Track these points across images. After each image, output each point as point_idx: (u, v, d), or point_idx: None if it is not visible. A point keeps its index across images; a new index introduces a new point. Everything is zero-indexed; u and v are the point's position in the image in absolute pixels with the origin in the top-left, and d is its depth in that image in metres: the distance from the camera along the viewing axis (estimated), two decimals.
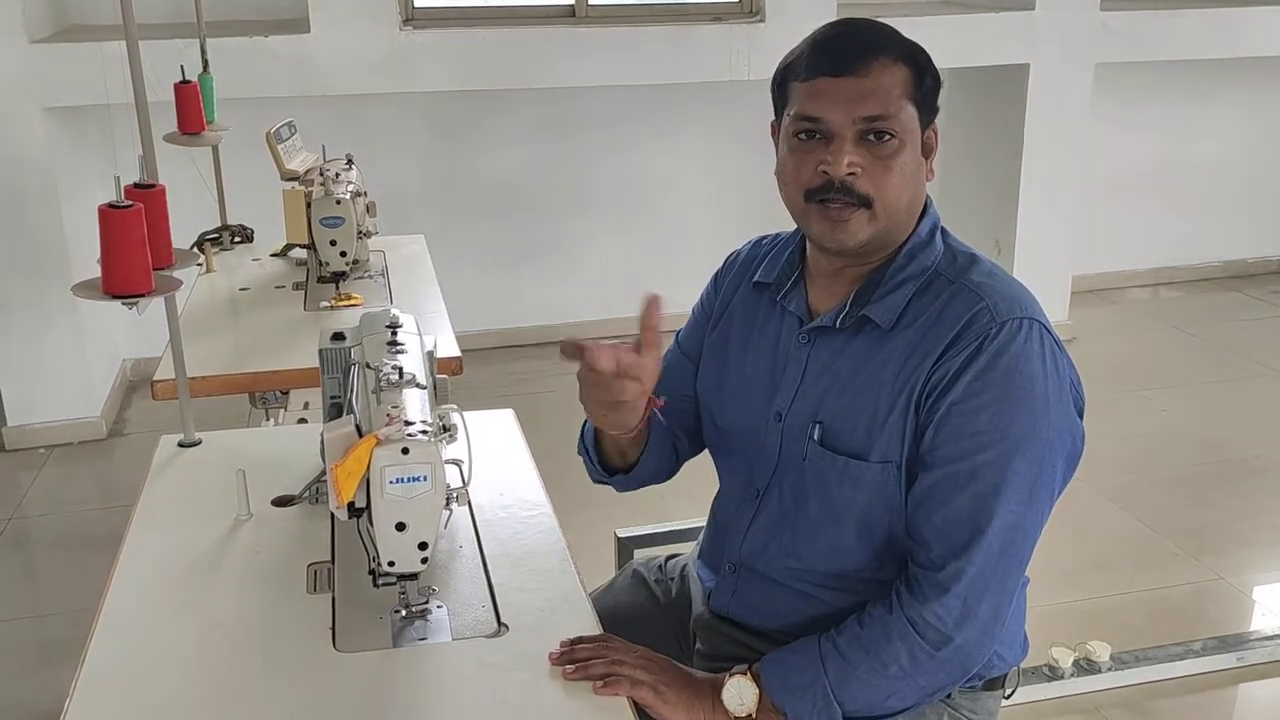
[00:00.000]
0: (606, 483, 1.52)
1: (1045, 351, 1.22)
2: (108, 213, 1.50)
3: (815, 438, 1.30)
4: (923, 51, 1.29)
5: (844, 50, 1.25)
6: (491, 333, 4.43)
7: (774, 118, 1.34)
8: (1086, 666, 2.45)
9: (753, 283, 1.44)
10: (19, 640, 2.71)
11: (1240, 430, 3.76)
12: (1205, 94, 4.97)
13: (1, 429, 3.71)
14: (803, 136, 1.26)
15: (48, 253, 3.56)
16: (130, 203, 1.51)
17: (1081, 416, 1.28)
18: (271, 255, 2.85)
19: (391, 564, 1.25)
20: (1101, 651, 2.45)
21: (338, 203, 2.43)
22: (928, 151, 1.29)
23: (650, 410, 1.33)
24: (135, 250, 1.51)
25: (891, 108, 1.23)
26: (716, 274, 1.53)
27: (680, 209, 4.57)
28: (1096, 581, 2.88)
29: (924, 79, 1.27)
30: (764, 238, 1.50)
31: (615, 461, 1.47)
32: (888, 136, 1.23)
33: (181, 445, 1.83)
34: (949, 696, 1.35)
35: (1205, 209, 5.18)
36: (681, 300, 5.05)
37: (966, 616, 1.22)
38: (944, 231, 1.33)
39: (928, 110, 1.28)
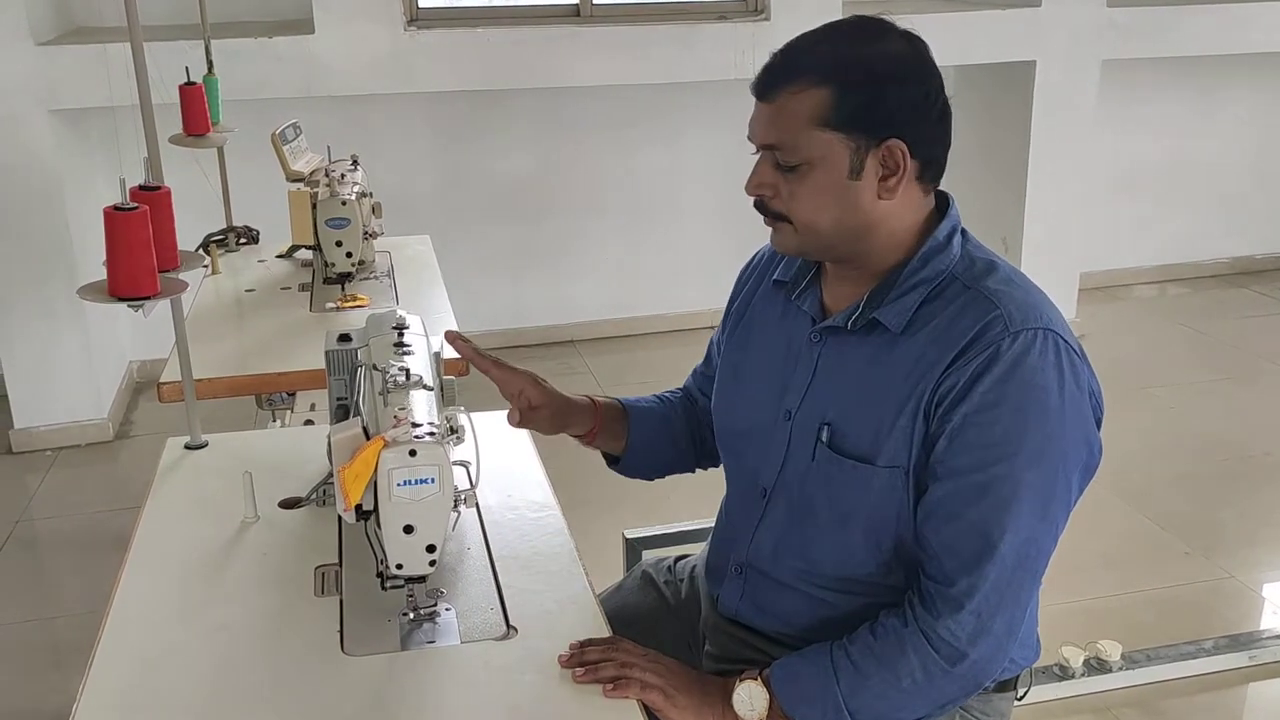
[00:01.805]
0: (613, 469, 1.61)
1: (1062, 363, 1.20)
2: (113, 215, 1.49)
3: (824, 439, 1.29)
4: (860, 67, 1.21)
5: (765, 75, 1.26)
6: (497, 333, 4.43)
7: None
8: (1097, 666, 2.44)
9: (772, 280, 1.43)
10: (26, 643, 2.71)
11: (1250, 427, 3.74)
12: (1213, 90, 4.96)
13: (8, 431, 3.71)
14: (753, 152, 1.29)
15: (54, 255, 3.57)
16: (135, 205, 1.51)
17: (1100, 426, 1.26)
18: (277, 256, 2.85)
19: (399, 567, 1.25)
20: (1112, 651, 2.44)
21: (343, 204, 2.43)
22: (892, 167, 1.22)
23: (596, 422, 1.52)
24: (140, 252, 1.50)
25: (789, 136, 1.23)
26: (741, 272, 1.53)
27: (686, 208, 4.56)
28: (1107, 580, 2.87)
29: (847, 101, 1.20)
30: None
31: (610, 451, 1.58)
32: (794, 162, 1.24)
33: (188, 447, 1.83)
34: None
35: (1213, 205, 5.16)
36: (686, 299, 5.01)
37: (981, 632, 1.20)
38: (965, 235, 1.30)
39: (862, 130, 1.20)
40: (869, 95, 1.21)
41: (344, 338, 1.56)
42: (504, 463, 1.74)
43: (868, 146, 1.22)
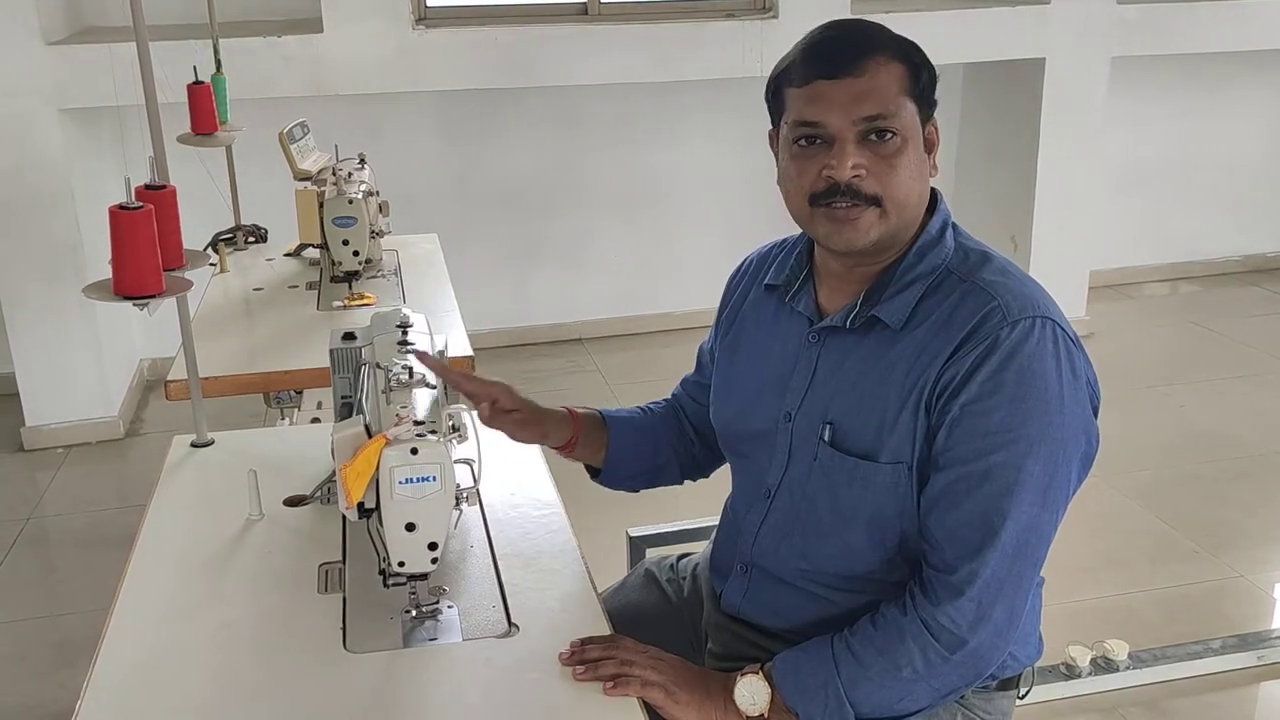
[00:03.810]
0: (596, 481, 1.61)
1: (1059, 350, 1.21)
2: (118, 214, 1.50)
3: (826, 438, 1.29)
4: (916, 48, 1.27)
5: (837, 52, 1.23)
6: (504, 331, 4.43)
7: (772, 126, 1.33)
8: (1104, 665, 2.43)
9: (763, 285, 1.43)
10: (37, 639, 2.73)
11: (1260, 426, 3.72)
12: (1223, 86, 4.93)
13: (20, 429, 3.73)
14: (803, 143, 1.25)
15: (64, 253, 3.58)
16: (140, 204, 1.52)
17: (1096, 415, 1.26)
18: (285, 255, 2.86)
19: (402, 564, 1.25)
20: (1119, 650, 2.44)
21: (350, 202, 2.43)
22: (930, 147, 1.28)
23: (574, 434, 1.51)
24: (145, 251, 1.51)
25: (891, 105, 1.22)
26: (730, 279, 1.52)
27: (693, 206, 4.56)
28: (1114, 579, 2.86)
29: (920, 75, 1.25)
30: (776, 241, 1.49)
31: (590, 462, 1.57)
32: (890, 135, 1.22)
33: (194, 445, 1.84)
34: (963, 697, 1.34)
35: (1224, 203, 5.14)
36: (694, 297, 5.01)
37: (981, 619, 1.20)
38: (955, 228, 1.32)
39: (926, 106, 1.27)
40: (928, 73, 1.27)
41: (348, 336, 1.57)
42: (507, 461, 1.74)
43: (924, 122, 1.26)
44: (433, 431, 1.22)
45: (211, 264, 2.66)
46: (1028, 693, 1.41)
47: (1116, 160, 4.71)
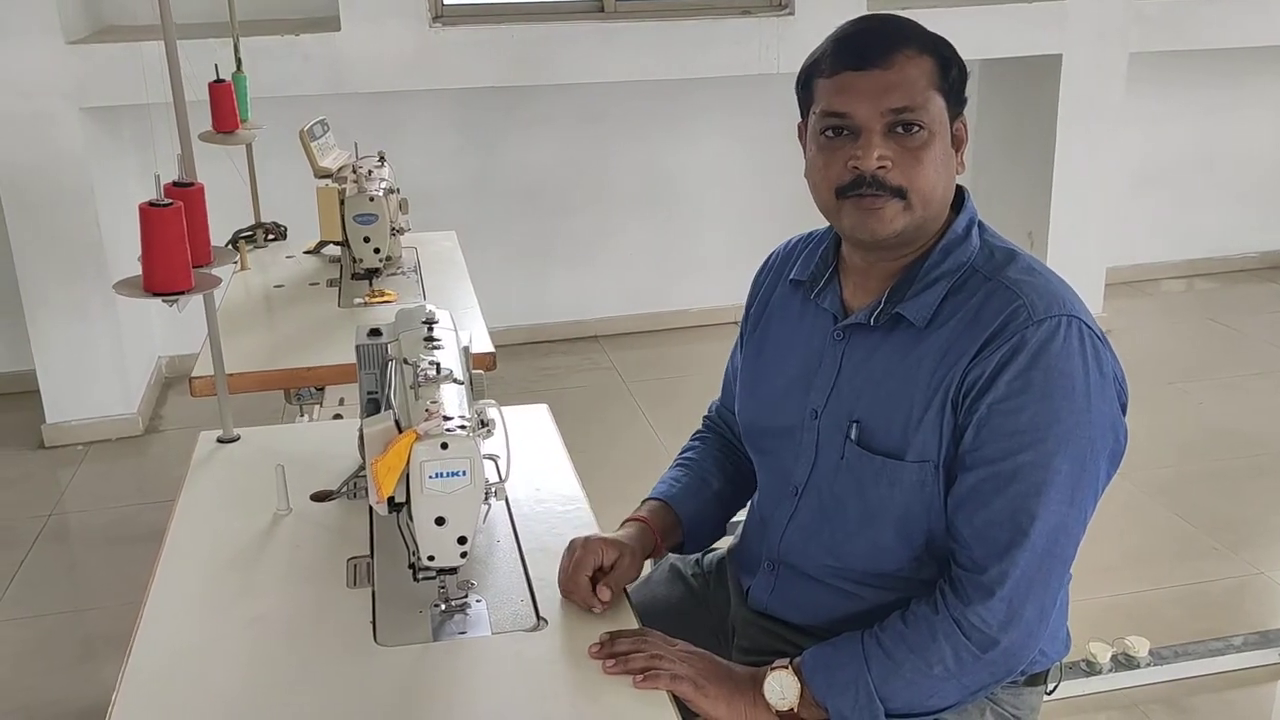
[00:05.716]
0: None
1: (1086, 348, 1.21)
2: (149, 211, 1.51)
3: (853, 437, 1.29)
4: (947, 43, 1.28)
5: (867, 44, 1.24)
6: (522, 328, 4.44)
7: (800, 118, 1.33)
8: (1125, 662, 2.43)
9: (789, 280, 1.44)
10: (60, 635, 2.75)
11: (1279, 423, 3.70)
12: (1242, 82, 4.91)
13: (40, 426, 3.76)
14: (830, 134, 1.26)
15: (85, 251, 3.60)
16: (171, 201, 1.53)
17: (1125, 412, 1.26)
18: (305, 252, 2.87)
19: (431, 558, 1.26)
20: (1140, 647, 2.43)
21: (371, 199, 2.44)
22: (958, 143, 1.28)
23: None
24: (176, 248, 1.52)
25: (918, 98, 1.22)
26: (756, 275, 1.52)
27: (709, 203, 4.56)
28: (1134, 576, 2.85)
29: (950, 70, 1.26)
30: (802, 235, 1.49)
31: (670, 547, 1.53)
32: (916, 128, 1.22)
33: (220, 441, 1.85)
34: (991, 693, 1.34)
35: (1242, 199, 5.11)
36: (710, 294, 4.99)
37: (1011, 619, 1.20)
38: (982, 227, 1.32)
39: (956, 101, 1.27)
40: (959, 69, 1.27)
41: (374, 332, 1.58)
42: (532, 456, 1.75)
43: (953, 119, 1.26)
44: (462, 427, 1.23)
45: (233, 261, 2.68)
46: (1055, 688, 1.41)
47: (1134, 156, 4.69)
